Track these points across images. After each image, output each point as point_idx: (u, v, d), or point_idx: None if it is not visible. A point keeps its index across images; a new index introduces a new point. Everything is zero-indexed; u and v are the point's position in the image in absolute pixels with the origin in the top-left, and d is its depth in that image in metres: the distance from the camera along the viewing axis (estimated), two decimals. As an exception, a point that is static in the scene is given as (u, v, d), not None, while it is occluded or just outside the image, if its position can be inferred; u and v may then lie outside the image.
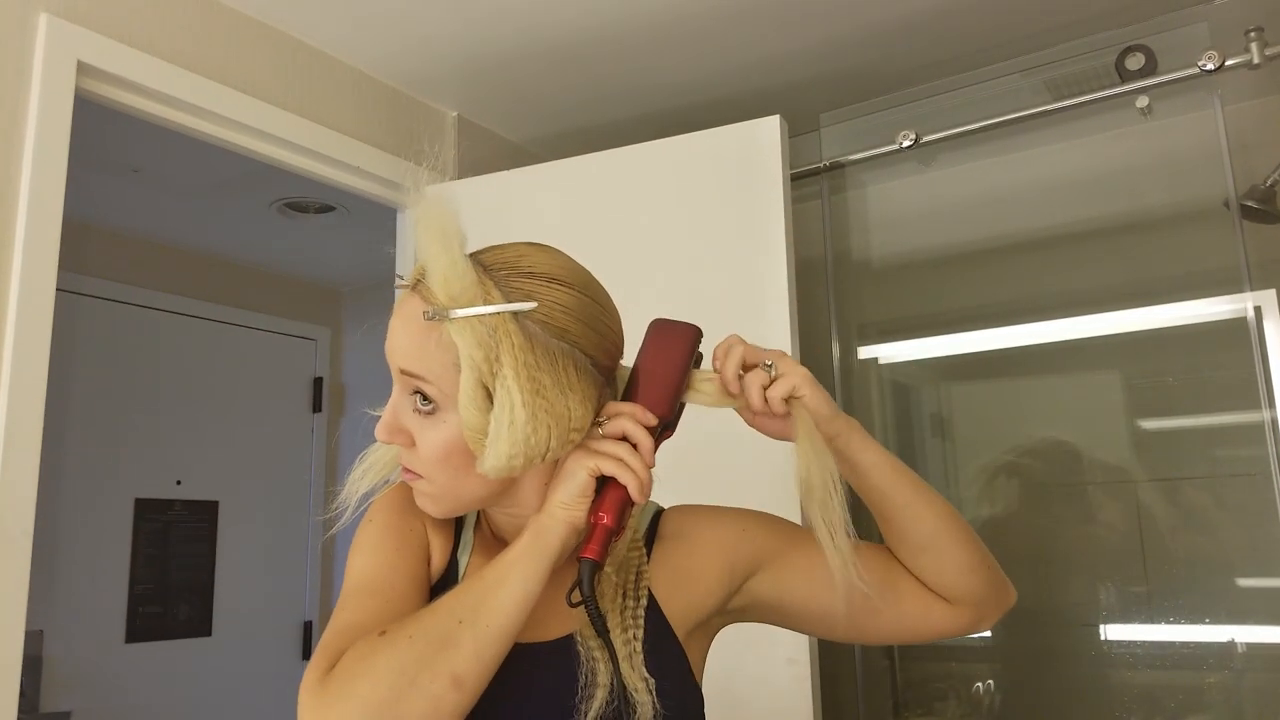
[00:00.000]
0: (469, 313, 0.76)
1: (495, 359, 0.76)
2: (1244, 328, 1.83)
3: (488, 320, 0.76)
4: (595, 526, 0.78)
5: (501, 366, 0.76)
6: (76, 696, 2.73)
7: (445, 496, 0.83)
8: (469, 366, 0.76)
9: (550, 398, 0.77)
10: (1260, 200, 1.90)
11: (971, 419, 2.36)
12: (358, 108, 2.10)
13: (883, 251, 2.43)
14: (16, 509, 1.45)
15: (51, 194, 1.55)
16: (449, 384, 0.77)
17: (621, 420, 0.80)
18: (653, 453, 0.80)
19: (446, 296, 0.77)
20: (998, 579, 0.91)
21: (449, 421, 0.79)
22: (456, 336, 0.76)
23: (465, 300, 0.76)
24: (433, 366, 0.78)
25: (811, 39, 2.04)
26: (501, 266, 0.80)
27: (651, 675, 0.81)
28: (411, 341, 0.79)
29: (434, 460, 0.80)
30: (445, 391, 0.78)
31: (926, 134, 2.03)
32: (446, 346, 0.77)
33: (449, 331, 0.76)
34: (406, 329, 0.79)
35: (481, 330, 0.76)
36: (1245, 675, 1.90)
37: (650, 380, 0.84)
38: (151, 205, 2.84)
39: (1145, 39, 1.91)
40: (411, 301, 0.80)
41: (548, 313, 0.78)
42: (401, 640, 0.72)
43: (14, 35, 1.54)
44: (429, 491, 0.82)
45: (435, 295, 0.77)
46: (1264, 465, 1.77)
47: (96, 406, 2.89)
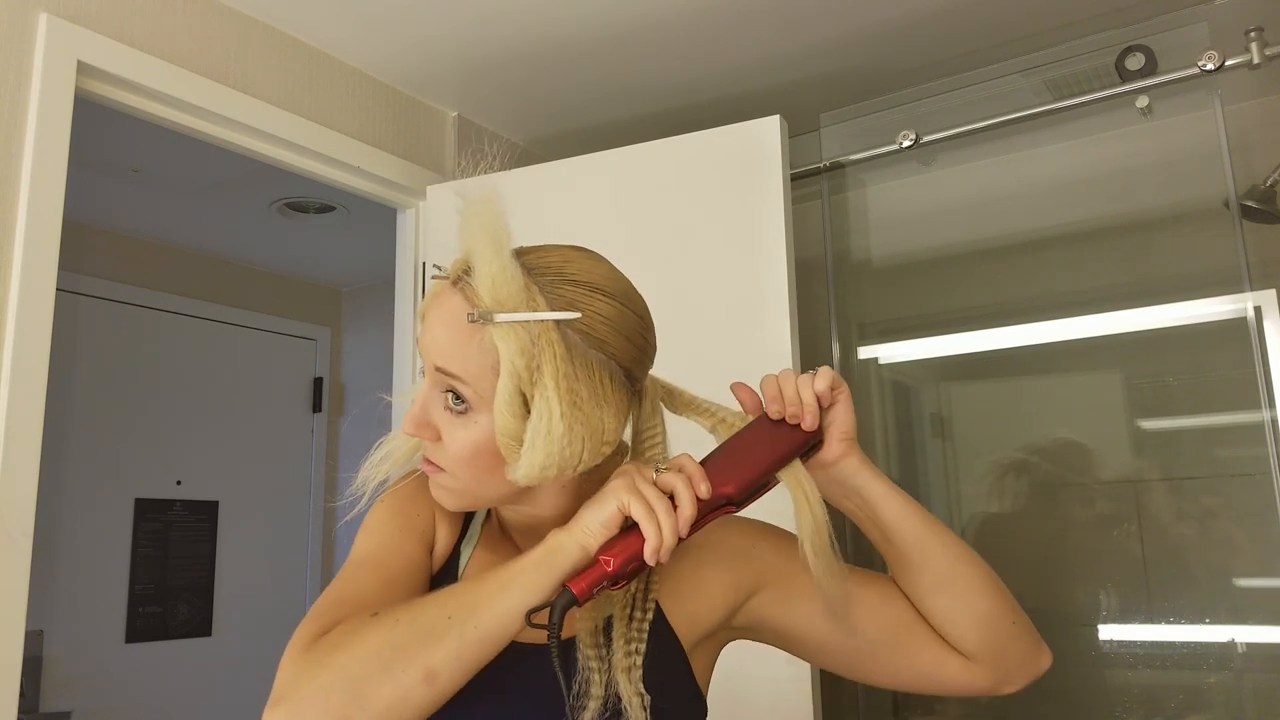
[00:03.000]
0: (514, 318, 0.75)
1: (537, 367, 0.75)
2: (1244, 328, 1.83)
3: (531, 327, 0.75)
4: (595, 563, 0.75)
5: (542, 375, 0.75)
6: (76, 696, 2.73)
7: (464, 494, 0.83)
8: (509, 373, 0.75)
9: (586, 410, 0.77)
10: (1260, 200, 1.90)
11: (971, 419, 2.36)
12: (358, 108, 2.10)
13: (883, 251, 2.43)
14: (16, 509, 1.45)
15: (51, 194, 1.55)
16: (485, 386, 0.77)
17: (676, 478, 0.77)
18: (691, 523, 0.75)
19: (493, 300, 0.76)
20: (1024, 638, 0.86)
21: (480, 423, 0.78)
22: (500, 341, 0.75)
23: (511, 305, 0.76)
24: (470, 368, 0.77)
25: (811, 39, 2.04)
26: (546, 271, 0.79)
27: (654, 687, 0.80)
28: (451, 340, 0.78)
29: (460, 459, 0.80)
30: (480, 394, 0.77)
31: (926, 134, 2.03)
32: (487, 349, 0.76)
33: (491, 335, 0.75)
34: (447, 327, 0.78)
35: (525, 337, 0.75)
36: (1245, 675, 1.90)
37: (733, 456, 0.81)
38: (151, 205, 2.85)
39: (1145, 39, 1.91)
40: (453, 299, 0.78)
41: (589, 323, 0.78)
42: (388, 623, 0.72)
43: (14, 35, 1.54)
44: (449, 486, 0.82)
45: (481, 297, 0.76)
46: (1264, 465, 1.77)
47: (96, 406, 2.89)
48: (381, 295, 2.76)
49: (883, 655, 0.86)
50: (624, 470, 0.77)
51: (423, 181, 2.21)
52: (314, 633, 0.73)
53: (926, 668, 0.86)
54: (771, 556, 0.89)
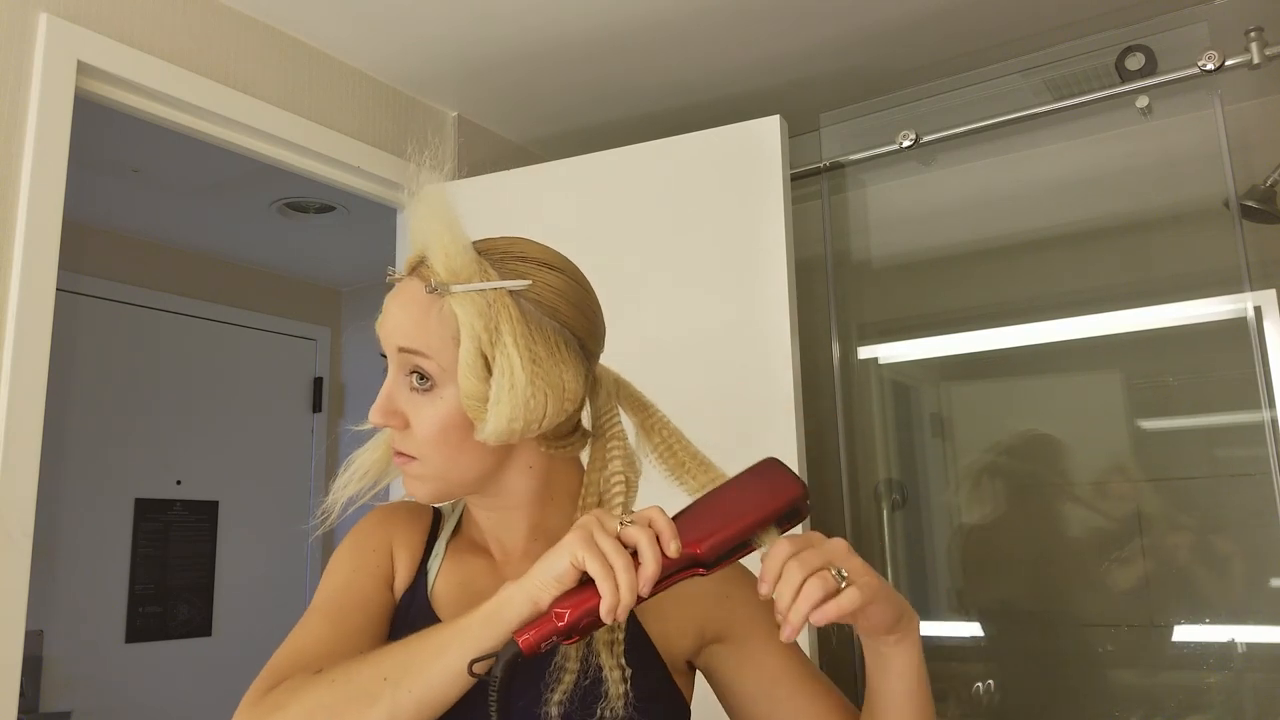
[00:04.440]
0: (469, 288, 0.80)
1: (495, 328, 0.79)
2: (1244, 328, 1.83)
3: (486, 294, 0.80)
4: (548, 616, 0.70)
5: (500, 335, 0.79)
6: (76, 696, 2.73)
7: (437, 477, 0.84)
8: (469, 336, 0.78)
9: (545, 367, 0.80)
10: (1260, 200, 1.90)
11: (971, 419, 2.36)
12: (357, 108, 2.10)
13: (883, 251, 2.43)
14: (16, 509, 1.45)
15: (51, 194, 1.55)
16: (448, 358, 0.80)
17: (640, 533, 0.70)
18: (653, 583, 0.69)
19: (448, 272, 0.80)
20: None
21: (445, 397, 0.81)
22: (458, 308, 0.79)
23: (465, 276, 0.80)
24: (432, 341, 0.80)
25: (811, 39, 2.04)
26: (494, 250, 0.84)
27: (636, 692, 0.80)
28: (410, 319, 0.81)
29: (430, 438, 0.81)
30: (444, 366, 0.80)
31: (926, 134, 2.03)
32: (446, 320, 0.80)
33: (450, 304, 0.80)
34: (405, 309, 0.82)
35: (481, 302, 0.79)
36: (1245, 675, 1.90)
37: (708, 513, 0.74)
38: (151, 205, 2.85)
39: (1145, 39, 1.91)
40: (410, 285, 0.83)
41: (540, 292, 0.82)
42: (324, 684, 0.73)
43: (14, 35, 1.54)
44: (421, 473, 0.84)
45: (437, 271, 0.80)
46: (1264, 465, 1.77)
47: (96, 406, 2.89)
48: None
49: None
50: (583, 523, 0.72)
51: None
52: (262, 689, 0.76)
53: None
54: (741, 610, 0.87)
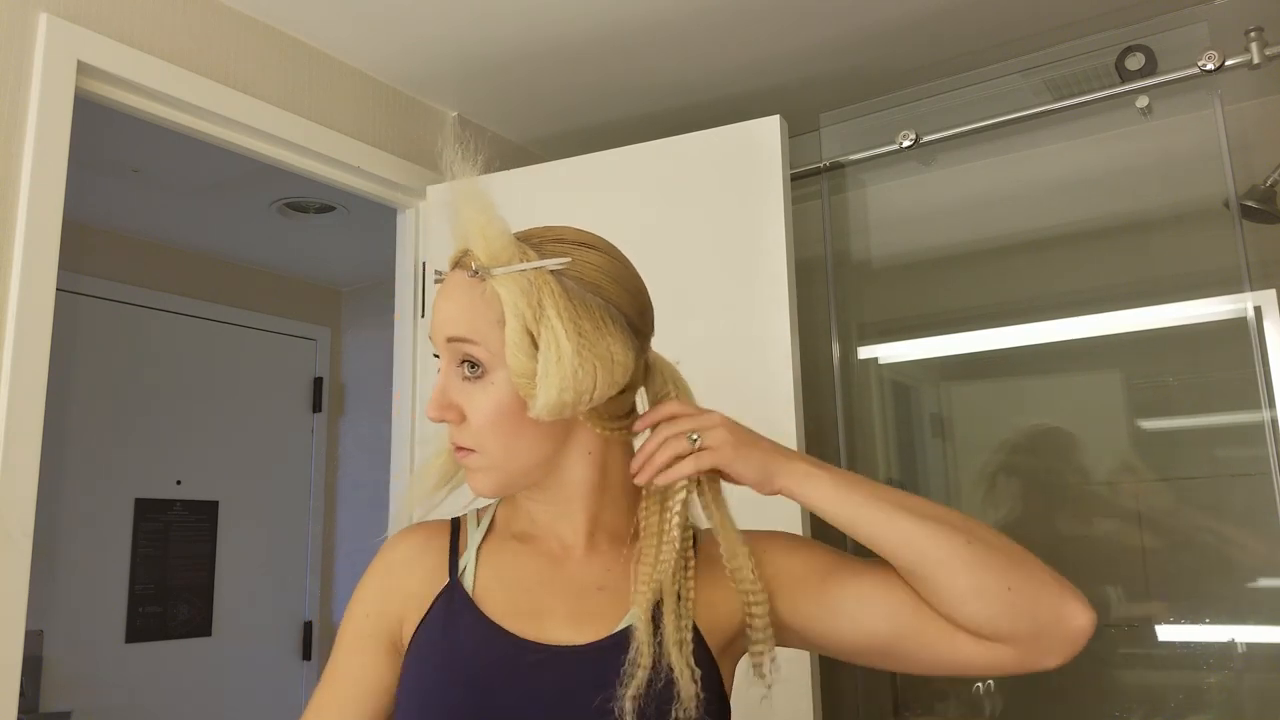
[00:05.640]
0: (510, 269, 0.81)
1: (538, 304, 0.80)
2: (1244, 328, 1.83)
3: (527, 274, 0.81)
4: None
5: (544, 310, 0.80)
6: (76, 696, 2.73)
7: (496, 467, 0.84)
8: (514, 314, 0.80)
9: (591, 338, 0.81)
10: (1260, 200, 1.90)
11: (971, 419, 2.36)
12: (357, 108, 2.10)
13: (883, 251, 2.43)
14: (16, 509, 1.45)
15: (51, 194, 1.55)
16: (496, 341, 0.81)
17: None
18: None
19: (489, 256, 0.81)
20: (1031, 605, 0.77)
21: (497, 381, 0.82)
22: (500, 289, 0.81)
23: (506, 258, 0.81)
24: (479, 326, 0.81)
25: (811, 39, 2.04)
26: (533, 236, 0.86)
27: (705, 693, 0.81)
28: (457, 308, 0.83)
29: (485, 424, 0.82)
30: (493, 350, 0.81)
31: (926, 134, 2.03)
32: (491, 303, 0.81)
33: (493, 287, 0.81)
34: (451, 300, 0.83)
35: (522, 281, 0.81)
36: (1245, 675, 1.90)
37: None
38: (151, 205, 2.85)
39: (1145, 39, 1.91)
40: (454, 277, 0.84)
41: (581, 270, 0.83)
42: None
43: (14, 35, 1.54)
44: (482, 465, 0.84)
45: (478, 257, 0.82)
46: (1264, 465, 1.77)
47: (96, 406, 2.89)
48: (381, 295, 2.76)
49: (901, 647, 0.82)
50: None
51: (423, 181, 2.21)
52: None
53: (941, 652, 0.81)
54: (783, 560, 0.89)
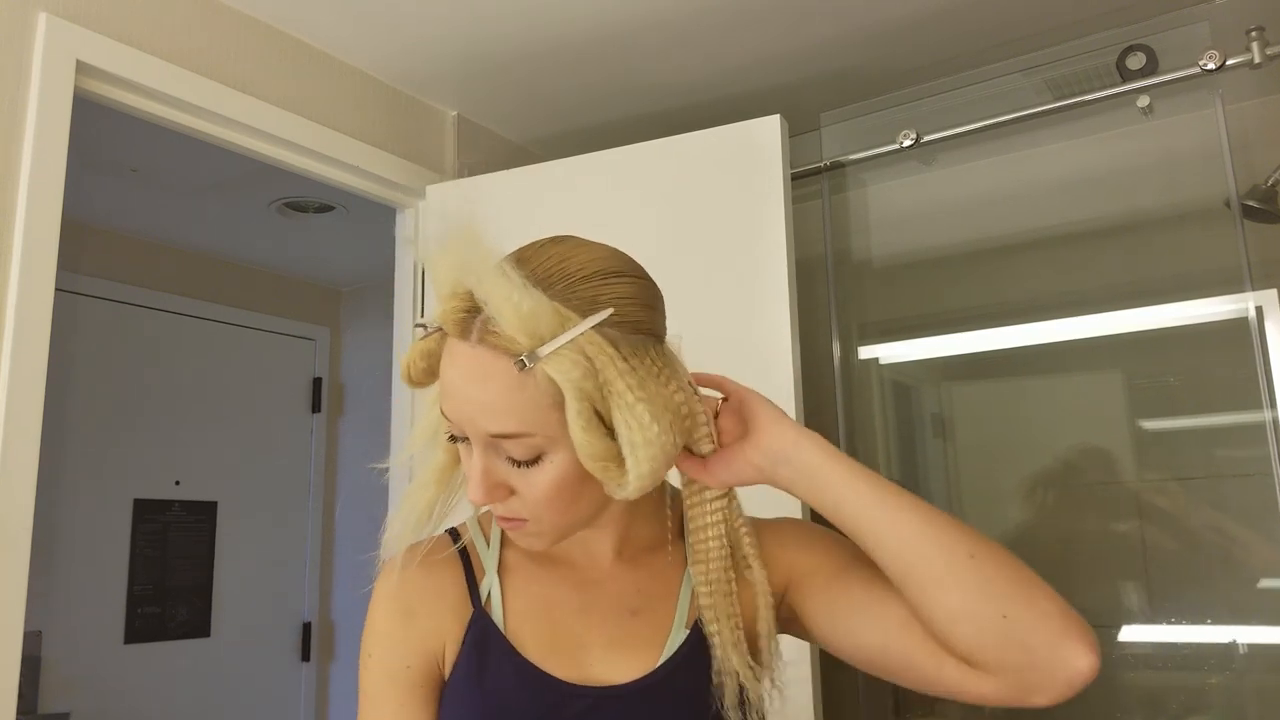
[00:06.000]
0: (558, 344, 0.69)
1: (604, 382, 0.71)
2: (1244, 328, 1.83)
3: (577, 343, 0.70)
4: None
5: (611, 386, 0.71)
6: (75, 697, 2.73)
7: (554, 532, 0.78)
8: (578, 398, 0.70)
9: (659, 397, 0.73)
10: (1261, 200, 1.90)
11: (971, 419, 2.35)
12: (357, 108, 2.10)
13: (883, 251, 2.43)
14: (16, 509, 1.45)
15: (50, 194, 1.55)
16: (550, 425, 0.72)
17: None
18: None
19: (530, 336, 0.69)
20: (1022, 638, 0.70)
21: (555, 460, 0.73)
22: (556, 373, 0.69)
23: (550, 331, 0.70)
24: (530, 417, 0.71)
25: (811, 39, 2.04)
26: (553, 279, 0.73)
27: None
28: (500, 400, 0.71)
29: (545, 501, 0.75)
30: (549, 435, 0.72)
31: (926, 134, 2.03)
32: (542, 388, 0.70)
33: (544, 372, 0.70)
34: (486, 388, 0.71)
35: (578, 356, 0.70)
36: (1247, 676, 1.90)
37: None
38: (151, 205, 2.84)
39: (1146, 38, 1.91)
40: (474, 354, 0.71)
41: (621, 312, 0.73)
42: None
43: (14, 35, 1.54)
44: (537, 531, 0.78)
45: (517, 341, 0.69)
46: (1264, 465, 1.77)
47: (96, 406, 2.89)
48: (381, 295, 2.76)
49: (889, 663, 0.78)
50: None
51: (423, 181, 2.21)
52: None
53: (928, 674, 0.75)
54: (796, 553, 0.86)
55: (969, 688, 0.74)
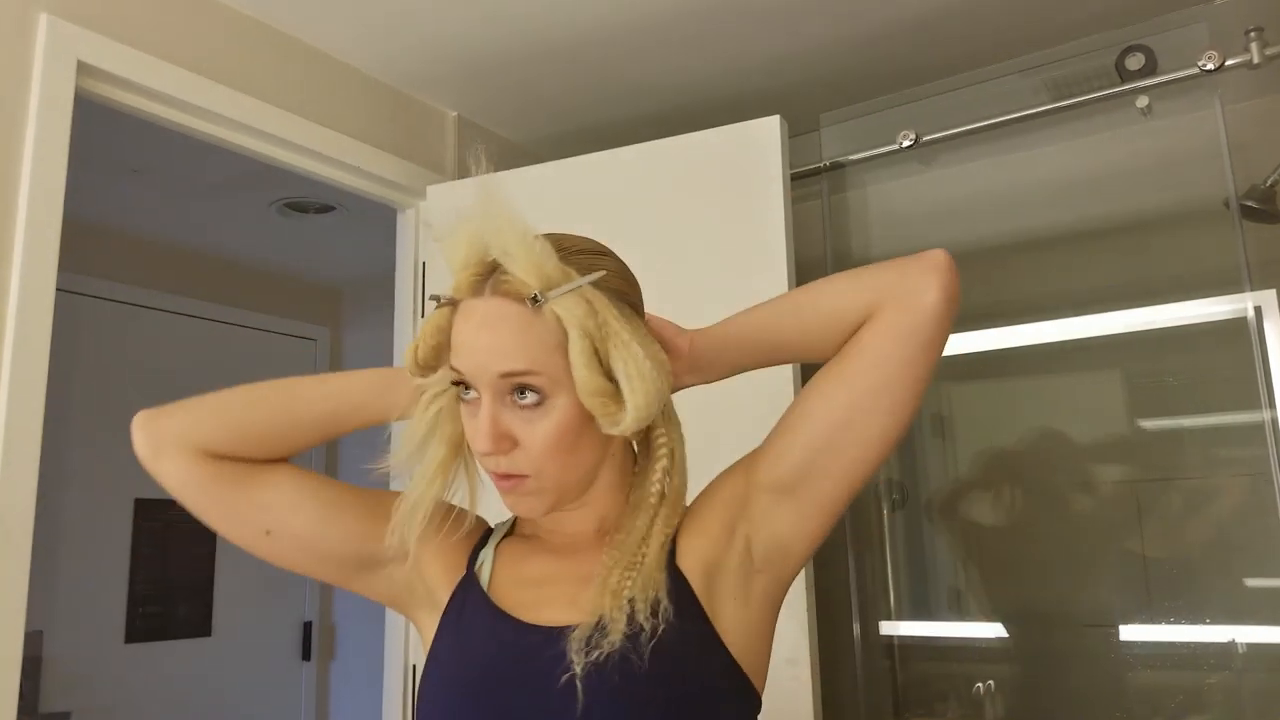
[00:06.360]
0: (566, 289, 0.79)
1: (603, 322, 0.80)
2: (1244, 328, 1.83)
3: (582, 290, 0.80)
4: None
5: (609, 326, 0.80)
6: (76, 696, 2.73)
7: (552, 489, 0.84)
8: (582, 335, 0.78)
9: (650, 347, 0.82)
10: (1260, 200, 1.90)
11: (972, 419, 2.36)
12: (357, 107, 2.10)
13: (883, 251, 2.43)
14: (16, 509, 1.45)
15: (51, 194, 1.55)
16: (556, 367, 0.79)
17: None
18: None
19: (542, 280, 0.79)
20: (876, 284, 0.82)
21: (558, 404, 0.81)
22: (563, 311, 0.79)
23: (558, 279, 0.79)
24: (539, 355, 0.79)
25: (811, 39, 2.04)
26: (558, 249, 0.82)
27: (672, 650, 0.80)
28: (510, 340, 0.79)
29: (546, 450, 0.81)
30: (554, 376, 0.80)
31: (926, 134, 2.03)
32: (550, 328, 0.79)
33: (551, 311, 0.79)
34: (498, 331, 0.79)
35: (581, 300, 0.79)
36: (1246, 675, 1.90)
37: None
38: (151, 205, 2.84)
39: (1145, 39, 1.91)
40: (488, 304, 0.80)
41: (610, 280, 0.84)
42: None
43: (14, 35, 1.54)
44: (535, 489, 0.83)
45: (529, 283, 0.79)
46: (1264, 465, 1.77)
47: (96, 406, 2.89)
48: (381, 295, 2.76)
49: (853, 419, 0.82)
50: None
51: (423, 181, 2.21)
52: None
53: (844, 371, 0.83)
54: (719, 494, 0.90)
55: (863, 337, 0.82)
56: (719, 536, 0.87)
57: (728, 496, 0.88)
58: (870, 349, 0.81)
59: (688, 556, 0.87)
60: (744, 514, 0.87)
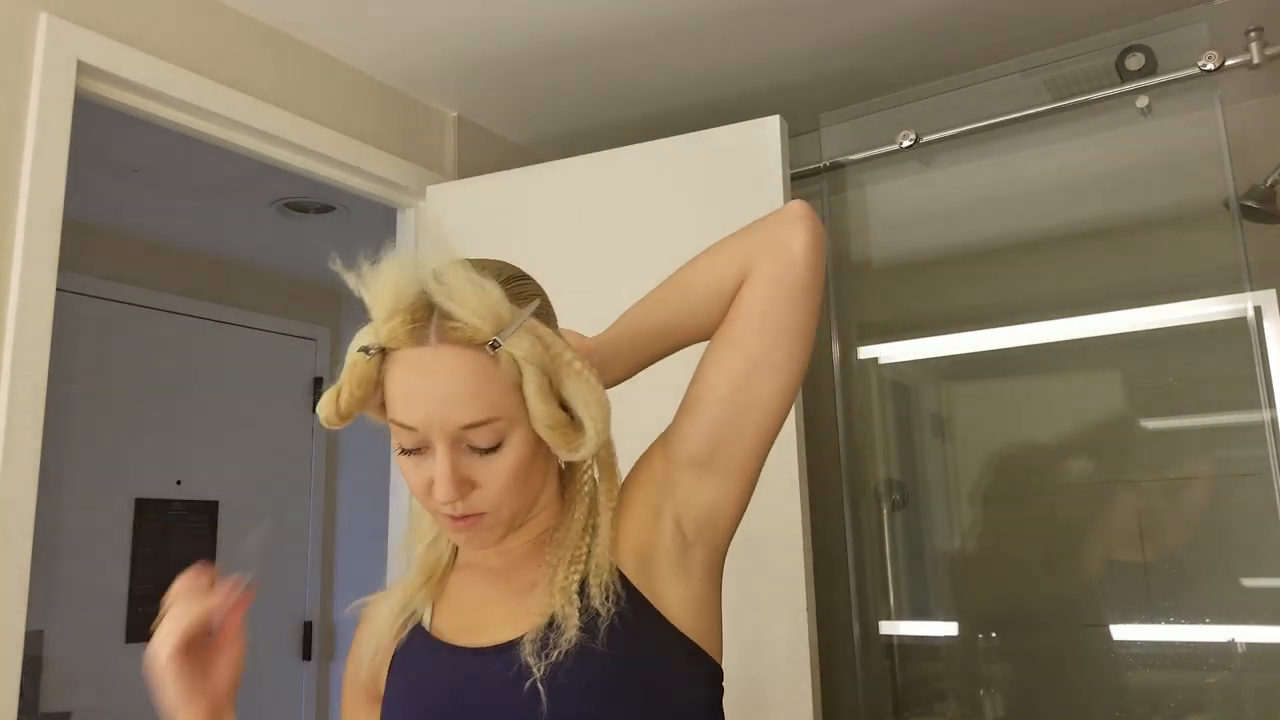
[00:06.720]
0: (515, 326, 0.78)
1: (555, 354, 0.80)
2: (1244, 328, 1.83)
3: (527, 325, 0.79)
4: None
5: (559, 355, 0.80)
6: (76, 696, 2.73)
7: (507, 519, 0.85)
8: (537, 371, 0.78)
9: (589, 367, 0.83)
10: (1260, 200, 1.90)
11: (971, 419, 2.36)
12: (357, 108, 2.10)
13: (883, 251, 2.43)
14: (16, 509, 1.45)
15: (51, 194, 1.55)
16: (514, 406, 0.79)
17: None
18: None
19: (495, 323, 0.77)
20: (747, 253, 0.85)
21: (513, 442, 0.80)
22: (517, 351, 0.78)
23: (509, 318, 0.78)
24: (498, 400, 0.78)
25: (811, 39, 2.04)
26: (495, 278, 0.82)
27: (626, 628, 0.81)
28: (471, 390, 0.77)
29: (508, 486, 0.82)
30: (511, 416, 0.79)
31: (926, 134, 2.03)
32: (506, 370, 0.78)
33: (509, 353, 0.78)
34: (456, 382, 0.77)
35: (529, 335, 0.79)
36: (1245, 675, 1.90)
37: None
38: (151, 205, 2.84)
39: (1145, 39, 1.91)
40: (441, 354, 0.77)
41: (543, 306, 0.85)
42: None
43: (14, 35, 1.54)
44: (492, 525, 0.84)
45: (481, 330, 0.77)
46: (1264, 465, 1.77)
47: (96, 406, 2.89)
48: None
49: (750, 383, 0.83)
50: None
51: (423, 181, 2.21)
52: None
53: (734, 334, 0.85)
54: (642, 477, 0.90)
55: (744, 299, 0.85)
56: (646, 521, 0.87)
57: (647, 480, 0.89)
58: (753, 308, 0.83)
59: (620, 544, 0.87)
60: (668, 494, 0.87)
